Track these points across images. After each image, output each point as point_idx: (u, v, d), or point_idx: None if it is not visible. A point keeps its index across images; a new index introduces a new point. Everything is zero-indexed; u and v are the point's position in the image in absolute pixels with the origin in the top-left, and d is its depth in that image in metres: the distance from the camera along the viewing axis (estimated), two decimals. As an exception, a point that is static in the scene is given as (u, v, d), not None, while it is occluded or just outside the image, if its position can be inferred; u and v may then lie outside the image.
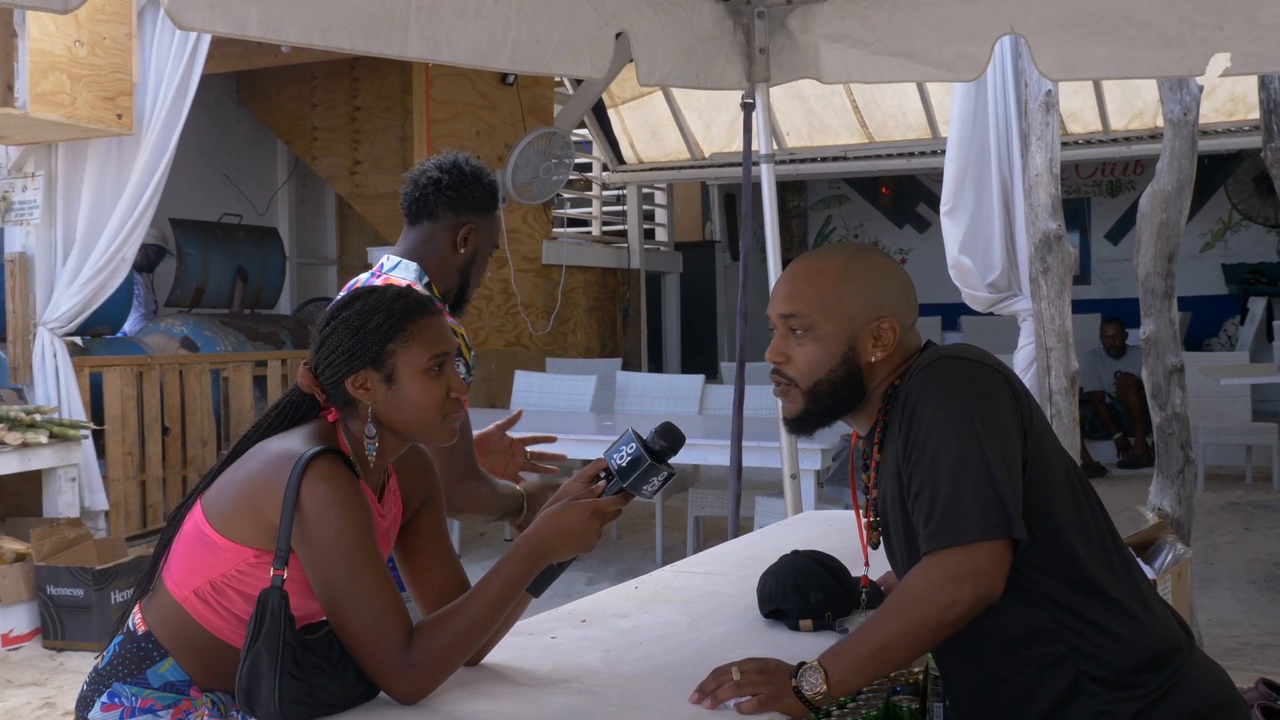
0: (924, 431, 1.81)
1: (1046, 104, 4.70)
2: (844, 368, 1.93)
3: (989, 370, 1.87)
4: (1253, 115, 8.51)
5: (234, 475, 1.90)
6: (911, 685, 2.38)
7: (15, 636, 5.45)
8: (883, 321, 1.93)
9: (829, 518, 3.59)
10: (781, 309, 1.97)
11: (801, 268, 2.00)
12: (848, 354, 1.93)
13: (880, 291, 1.95)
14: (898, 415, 1.88)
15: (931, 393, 1.84)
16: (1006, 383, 1.87)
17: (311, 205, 10.58)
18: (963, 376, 1.85)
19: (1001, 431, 1.80)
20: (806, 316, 1.94)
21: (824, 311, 1.93)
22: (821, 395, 1.95)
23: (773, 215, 4.30)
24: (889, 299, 1.96)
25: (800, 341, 1.94)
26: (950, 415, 1.80)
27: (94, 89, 5.85)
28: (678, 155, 11.18)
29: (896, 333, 1.94)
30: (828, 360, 1.93)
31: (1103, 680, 1.81)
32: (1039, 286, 4.76)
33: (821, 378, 1.94)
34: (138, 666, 1.93)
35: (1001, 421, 1.81)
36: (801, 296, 1.95)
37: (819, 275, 1.96)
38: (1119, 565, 1.87)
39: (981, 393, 1.83)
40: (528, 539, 1.87)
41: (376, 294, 1.95)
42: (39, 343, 6.35)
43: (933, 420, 1.81)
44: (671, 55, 3.77)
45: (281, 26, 2.64)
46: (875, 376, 1.95)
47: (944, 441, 1.79)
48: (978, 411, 1.80)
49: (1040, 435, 1.87)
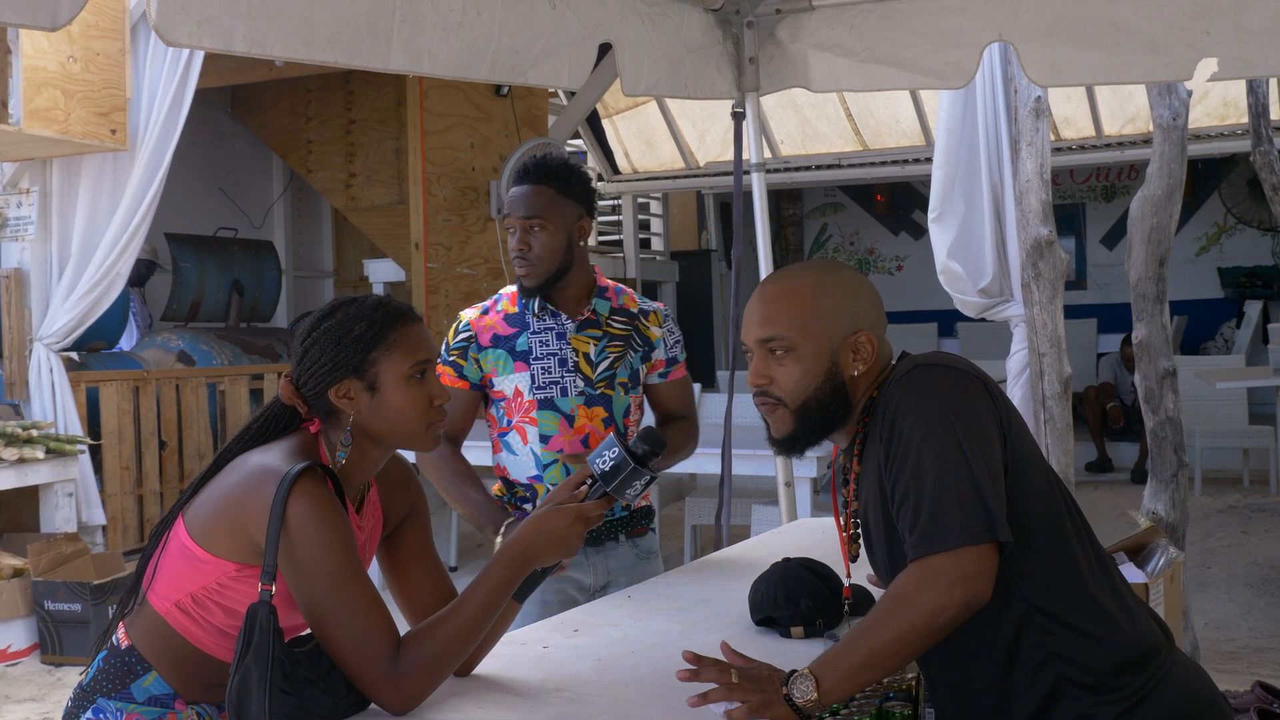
0: (906, 439, 1.81)
1: (1036, 110, 4.72)
2: (829, 384, 1.93)
3: (967, 376, 1.88)
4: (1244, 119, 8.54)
5: (215, 489, 1.91)
6: (904, 691, 2.38)
7: (13, 652, 5.45)
8: (860, 335, 1.94)
9: (823, 525, 3.60)
10: (758, 334, 1.96)
11: (773, 289, 1.99)
12: (831, 370, 1.93)
13: (853, 306, 1.96)
14: (877, 425, 1.88)
15: (911, 401, 1.84)
16: (984, 388, 1.87)
17: (307, 218, 10.60)
18: (942, 383, 1.86)
19: (983, 436, 1.81)
20: (785, 338, 1.93)
21: (802, 331, 1.93)
22: (810, 413, 1.95)
23: (765, 224, 4.31)
24: (863, 312, 1.96)
25: (781, 362, 1.94)
26: (931, 422, 1.81)
27: (88, 105, 5.86)
28: (672, 165, 11.21)
29: (874, 345, 1.95)
30: (812, 379, 1.93)
31: (1083, 684, 1.81)
32: (1031, 292, 4.77)
33: (809, 396, 1.93)
34: (122, 681, 1.93)
35: (982, 427, 1.82)
36: (778, 319, 1.95)
37: (792, 295, 1.96)
38: (1097, 568, 1.88)
39: (961, 398, 1.84)
40: (512, 544, 1.88)
41: (357, 303, 1.96)
42: (35, 358, 6.36)
43: (914, 427, 1.81)
44: (659, 65, 3.78)
45: (267, 41, 2.66)
46: (858, 390, 1.95)
47: (926, 448, 1.79)
48: (958, 417, 1.81)
49: (1019, 440, 1.88)
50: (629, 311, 3.05)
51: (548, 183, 2.92)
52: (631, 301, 3.07)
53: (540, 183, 2.92)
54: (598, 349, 2.97)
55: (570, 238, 2.93)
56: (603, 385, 2.96)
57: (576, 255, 2.96)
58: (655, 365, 3.07)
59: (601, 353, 2.98)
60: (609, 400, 2.97)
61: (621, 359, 3.00)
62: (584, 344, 2.96)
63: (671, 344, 3.10)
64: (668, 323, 3.10)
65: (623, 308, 3.05)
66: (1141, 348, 4.58)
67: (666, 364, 3.09)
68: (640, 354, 3.04)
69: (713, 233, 13.74)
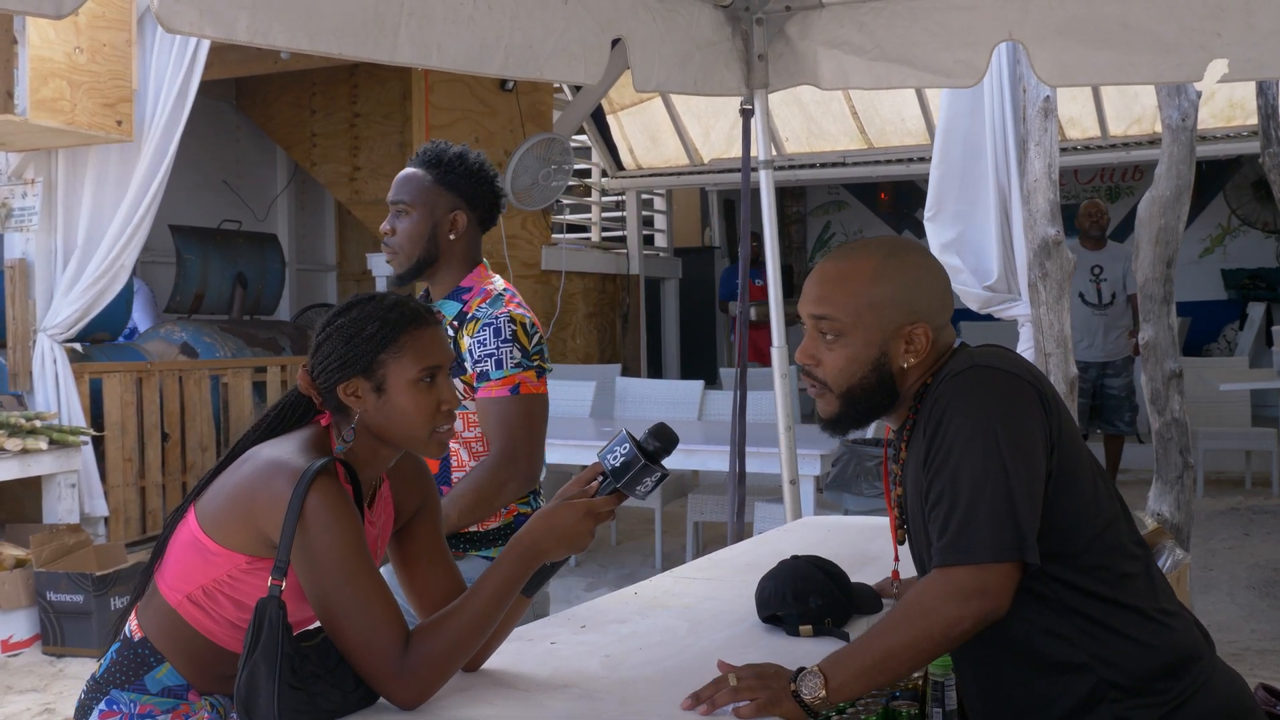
0: (948, 442, 1.79)
1: (1045, 110, 4.71)
2: (875, 374, 1.91)
3: (1021, 382, 1.84)
4: (1251, 121, 8.52)
5: (227, 480, 1.91)
6: (911, 691, 2.38)
7: (15, 642, 5.45)
8: (916, 327, 1.90)
9: (829, 523, 3.60)
10: (812, 310, 1.93)
11: (834, 268, 1.95)
12: (879, 360, 1.90)
13: (913, 295, 1.91)
14: (924, 419, 1.86)
15: (960, 403, 1.81)
16: (1038, 395, 1.83)
17: (311, 211, 10.59)
18: (993, 388, 1.82)
19: (1026, 449, 1.78)
20: (837, 321, 1.90)
21: (855, 318, 1.89)
22: (855, 400, 1.92)
23: (771, 221, 4.30)
24: (922, 302, 1.92)
25: (830, 346, 1.91)
26: (975, 428, 1.78)
27: (94, 95, 5.86)
28: (677, 161, 11.20)
29: (929, 337, 1.90)
30: (859, 368, 1.90)
31: (1123, 687, 1.80)
32: (1038, 292, 4.76)
33: (854, 384, 1.91)
34: (135, 673, 1.93)
35: (1028, 438, 1.79)
36: (832, 300, 1.91)
37: (851, 278, 1.91)
38: (1142, 572, 1.86)
39: (1010, 406, 1.80)
40: (521, 539, 1.88)
41: (374, 302, 1.95)
42: (39, 349, 6.35)
43: (958, 431, 1.79)
44: (669, 61, 3.78)
45: (270, 31, 2.64)
46: (908, 379, 1.92)
47: (966, 455, 1.77)
48: (1004, 427, 1.78)
49: (1069, 446, 1.84)
50: (465, 316, 2.73)
51: (427, 169, 2.76)
52: (475, 306, 2.73)
53: (419, 167, 2.77)
54: None
55: (437, 229, 2.74)
56: None
57: (444, 249, 2.75)
58: (468, 380, 2.69)
59: None
60: None
61: None
62: None
63: (480, 356, 2.67)
64: (482, 333, 2.68)
65: (465, 313, 2.74)
66: (1148, 349, 4.58)
67: (476, 379, 2.68)
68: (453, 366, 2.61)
69: (716, 230, 13.73)
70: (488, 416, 2.68)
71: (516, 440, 2.65)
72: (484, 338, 2.68)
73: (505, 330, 2.68)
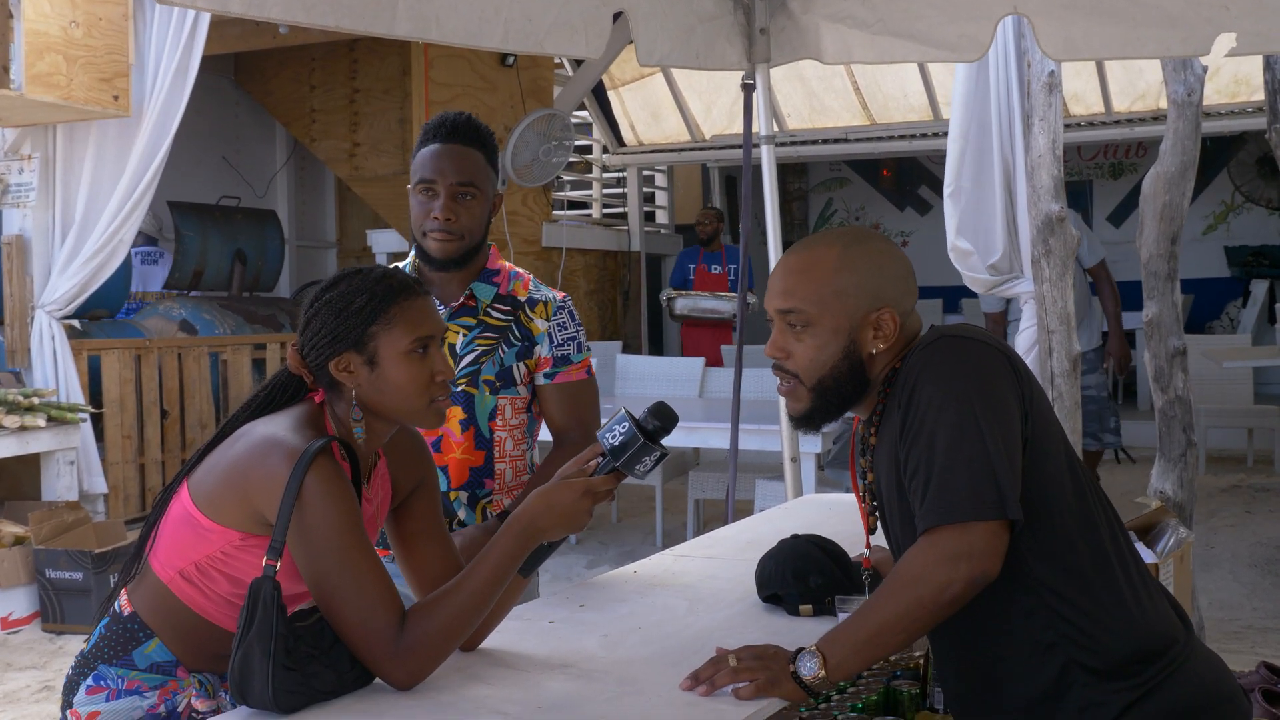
0: (922, 409, 1.78)
1: (1049, 85, 4.66)
2: (846, 362, 1.90)
3: (991, 349, 1.84)
4: (1257, 96, 8.48)
5: (220, 457, 1.89)
6: (912, 670, 2.37)
7: (14, 620, 5.45)
8: (882, 312, 1.90)
9: (829, 501, 3.58)
10: (779, 304, 1.93)
11: (796, 260, 1.95)
12: (849, 348, 1.90)
13: (878, 281, 1.91)
14: (896, 395, 1.85)
15: (931, 371, 1.81)
16: (1008, 362, 1.84)
17: (310, 188, 10.56)
18: (963, 355, 1.82)
19: (1001, 412, 1.77)
20: (804, 312, 1.90)
21: (821, 307, 1.89)
22: (826, 391, 1.92)
23: (773, 197, 4.27)
24: (887, 287, 1.92)
25: (799, 337, 1.91)
26: (949, 394, 1.77)
27: (90, 70, 5.81)
28: (678, 137, 11.15)
29: (896, 322, 1.90)
30: (829, 357, 1.90)
31: (1094, 670, 1.78)
32: (1041, 269, 4.73)
33: (825, 374, 1.91)
34: (123, 648, 1.92)
35: (1001, 402, 1.78)
36: (797, 292, 1.91)
37: (814, 268, 1.92)
38: (1116, 553, 1.84)
39: (982, 372, 1.80)
40: (519, 518, 1.86)
41: (361, 275, 1.93)
42: (37, 326, 6.33)
43: (930, 398, 1.78)
44: (671, 35, 3.74)
45: (265, 3, 2.61)
46: (877, 366, 1.92)
47: (941, 420, 1.76)
48: (978, 391, 1.77)
49: (1041, 418, 1.85)
50: (515, 300, 2.65)
51: (478, 147, 2.60)
52: (523, 289, 2.67)
53: (473, 145, 2.59)
54: (465, 340, 2.60)
55: (492, 210, 2.64)
56: (464, 382, 2.58)
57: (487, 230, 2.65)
58: (540, 364, 2.64)
59: (468, 344, 2.61)
60: (470, 400, 2.59)
61: (490, 354, 2.61)
62: (452, 334, 2.59)
63: (562, 340, 2.64)
64: (559, 315, 2.65)
65: (510, 295, 2.66)
66: (1152, 326, 4.54)
67: (554, 363, 2.64)
68: (517, 349, 2.63)
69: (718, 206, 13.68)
70: (570, 399, 2.65)
71: (595, 426, 2.61)
72: (562, 320, 2.66)
73: (575, 312, 2.70)
